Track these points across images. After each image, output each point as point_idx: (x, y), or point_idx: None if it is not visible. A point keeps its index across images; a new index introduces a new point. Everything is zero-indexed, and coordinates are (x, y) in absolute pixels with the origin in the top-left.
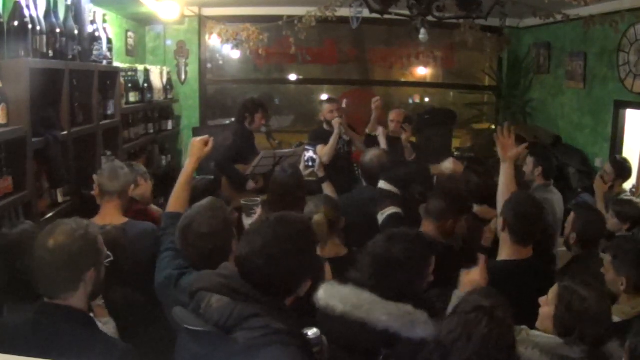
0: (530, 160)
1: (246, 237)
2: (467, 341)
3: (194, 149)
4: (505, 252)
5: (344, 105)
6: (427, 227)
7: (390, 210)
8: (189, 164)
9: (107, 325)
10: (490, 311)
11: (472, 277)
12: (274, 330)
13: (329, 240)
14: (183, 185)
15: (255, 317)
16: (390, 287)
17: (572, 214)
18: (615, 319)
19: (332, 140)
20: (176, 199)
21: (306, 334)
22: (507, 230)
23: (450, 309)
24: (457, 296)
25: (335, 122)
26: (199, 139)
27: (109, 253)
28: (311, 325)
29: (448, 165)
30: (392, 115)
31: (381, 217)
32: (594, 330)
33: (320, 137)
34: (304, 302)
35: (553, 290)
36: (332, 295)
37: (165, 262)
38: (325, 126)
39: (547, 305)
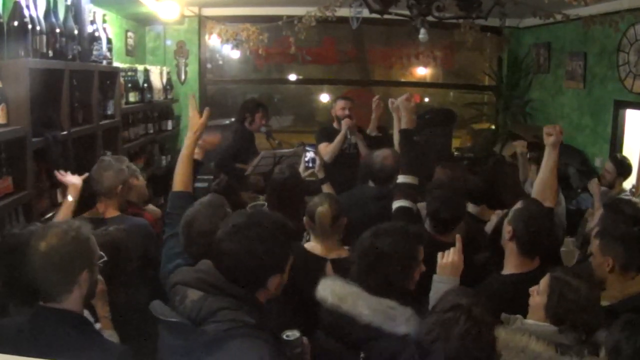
0: (535, 168)
1: (222, 223)
2: (446, 341)
3: (192, 121)
4: (511, 264)
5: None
6: (429, 229)
7: (400, 202)
8: (188, 137)
9: (110, 338)
10: (468, 309)
11: (448, 259)
12: (241, 324)
13: (330, 236)
14: (186, 160)
15: (224, 310)
16: (376, 281)
17: (601, 209)
18: (604, 303)
19: (337, 139)
20: (181, 176)
21: (286, 336)
22: (514, 240)
23: (431, 294)
24: (435, 281)
25: (345, 122)
26: (193, 112)
27: (102, 253)
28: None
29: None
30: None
31: (393, 207)
32: (586, 319)
33: (328, 135)
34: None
35: (544, 281)
36: (325, 287)
37: (174, 252)
38: (335, 124)
39: (538, 295)
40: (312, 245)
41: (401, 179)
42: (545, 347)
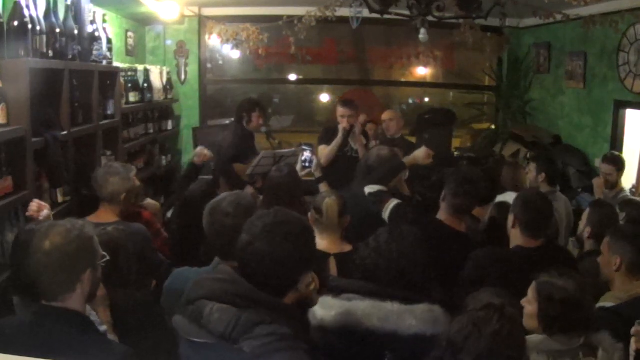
0: (533, 166)
1: (247, 226)
2: (479, 338)
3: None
4: (517, 242)
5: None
6: (444, 215)
7: (394, 201)
8: None
9: None
10: (501, 308)
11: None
12: (280, 337)
13: (336, 230)
14: None
15: (261, 325)
16: (408, 291)
17: (587, 210)
18: (609, 304)
19: (334, 143)
20: None
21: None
22: (517, 225)
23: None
24: None
25: (341, 126)
26: None
27: (104, 253)
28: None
29: (421, 153)
30: (385, 115)
31: (386, 212)
32: (578, 317)
33: (330, 137)
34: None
35: (532, 289)
36: (346, 313)
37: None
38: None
39: (529, 304)
40: (316, 242)
41: (373, 188)
42: (535, 356)
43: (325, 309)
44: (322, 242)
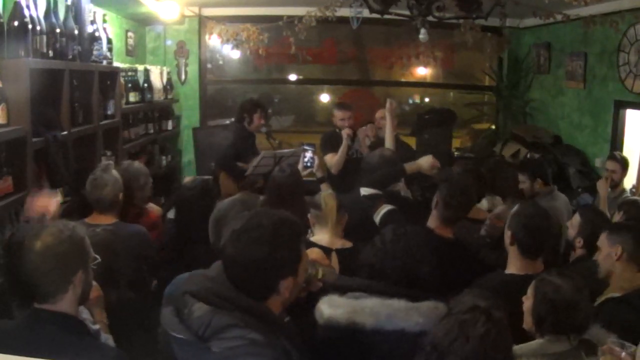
0: (523, 177)
1: (230, 224)
2: (465, 342)
3: None
4: (513, 266)
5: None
6: (434, 223)
7: (385, 207)
8: None
9: (106, 342)
10: (487, 311)
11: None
12: (249, 341)
13: (336, 224)
14: None
15: (232, 328)
16: (414, 288)
17: (578, 218)
18: (614, 295)
19: (341, 151)
20: None
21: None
22: (515, 244)
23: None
24: None
25: (345, 132)
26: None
27: (96, 255)
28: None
29: (426, 161)
30: (378, 114)
31: (378, 216)
32: (569, 318)
33: (332, 141)
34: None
35: (531, 286)
36: (354, 311)
37: None
38: (338, 130)
39: (527, 300)
40: (317, 238)
41: (367, 191)
42: None
43: (332, 308)
44: (324, 238)
